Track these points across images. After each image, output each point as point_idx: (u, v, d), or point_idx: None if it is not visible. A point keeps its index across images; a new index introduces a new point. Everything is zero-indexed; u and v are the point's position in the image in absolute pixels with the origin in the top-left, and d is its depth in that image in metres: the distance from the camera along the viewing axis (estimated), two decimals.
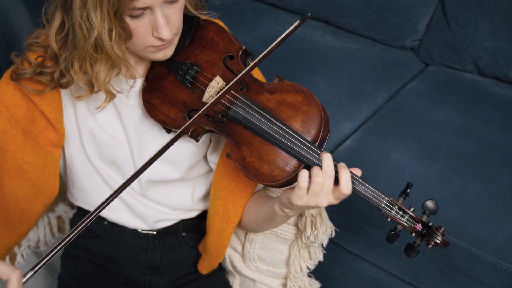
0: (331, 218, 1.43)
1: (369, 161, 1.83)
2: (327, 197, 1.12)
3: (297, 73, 2.15)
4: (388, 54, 2.35)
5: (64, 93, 1.31)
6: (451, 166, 1.79)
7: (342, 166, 1.11)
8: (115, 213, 1.44)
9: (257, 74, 1.31)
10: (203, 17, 1.28)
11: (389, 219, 1.14)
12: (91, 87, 1.19)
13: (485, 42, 2.15)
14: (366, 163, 1.81)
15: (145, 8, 1.10)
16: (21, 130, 1.29)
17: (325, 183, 1.11)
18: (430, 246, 1.12)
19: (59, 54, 1.18)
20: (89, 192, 1.43)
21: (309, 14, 1.21)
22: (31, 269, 1.09)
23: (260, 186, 1.39)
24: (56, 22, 1.15)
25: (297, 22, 1.18)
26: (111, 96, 1.20)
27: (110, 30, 1.09)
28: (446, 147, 1.86)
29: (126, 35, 1.12)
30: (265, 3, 2.65)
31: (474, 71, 2.23)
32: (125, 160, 1.36)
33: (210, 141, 1.37)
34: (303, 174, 1.11)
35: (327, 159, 1.10)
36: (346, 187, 1.11)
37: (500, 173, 1.76)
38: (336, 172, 1.11)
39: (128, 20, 1.11)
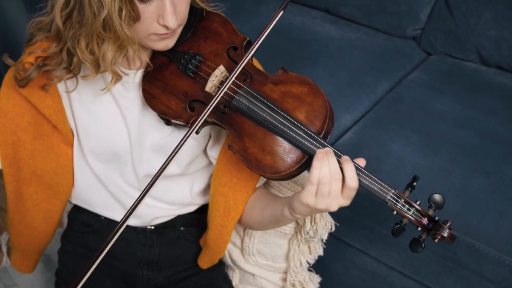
0: (331, 212, 1.41)
1: (370, 153, 1.81)
2: (337, 199, 1.10)
3: (297, 63, 2.13)
4: (389, 44, 2.33)
5: (63, 94, 1.30)
6: (453, 158, 1.77)
7: (345, 160, 1.09)
8: (111, 212, 1.44)
9: (258, 67, 1.29)
10: (208, 9, 1.27)
11: (395, 212, 1.11)
12: (97, 67, 1.18)
13: (488, 31, 2.13)
14: (367, 155, 1.75)
15: None
16: (30, 137, 1.32)
17: (332, 185, 1.08)
18: (436, 240, 1.10)
19: (63, 30, 1.16)
20: (85, 191, 1.43)
21: None
22: None
23: (262, 181, 1.37)
24: None
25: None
26: (117, 77, 1.19)
27: (120, 10, 1.08)
28: (448, 138, 1.84)
29: (135, 16, 1.11)
30: None
31: (477, 60, 2.20)
32: (124, 152, 1.35)
33: (210, 135, 1.35)
34: (315, 170, 1.08)
35: (332, 163, 1.08)
36: (352, 180, 1.08)
37: (503, 164, 1.75)
38: (340, 167, 1.09)
39: (137, 3, 1.10)
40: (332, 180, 1.08)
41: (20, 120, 1.30)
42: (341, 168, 1.09)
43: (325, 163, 1.08)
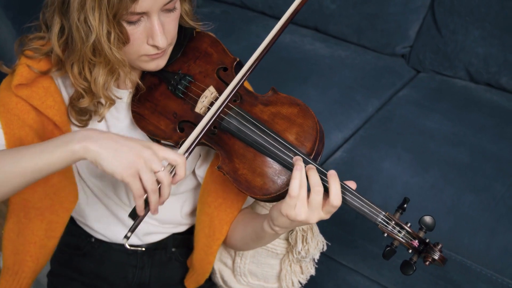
0: (323, 231, 1.41)
1: (361, 172, 1.80)
2: (317, 212, 1.09)
3: (287, 82, 2.13)
4: (379, 61, 2.33)
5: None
6: (444, 176, 1.77)
7: (331, 175, 1.08)
8: (103, 225, 1.42)
9: (248, 88, 1.29)
10: (197, 29, 1.27)
11: (386, 235, 1.11)
12: (91, 93, 1.18)
13: (476, 48, 2.14)
14: (357, 174, 1.79)
15: (142, 14, 1.09)
16: (36, 134, 1.26)
17: (313, 198, 1.07)
18: (427, 263, 1.10)
19: (64, 58, 1.17)
20: (79, 203, 1.41)
21: None
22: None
23: (248, 203, 1.36)
24: (56, 27, 1.14)
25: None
26: (110, 101, 1.19)
27: (109, 33, 1.08)
28: (439, 156, 1.84)
29: (124, 38, 1.11)
30: (254, 11, 2.63)
31: (466, 77, 2.22)
32: None
33: (200, 155, 1.34)
34: (295, 180, 1.07)
35: (312, 175, 1.07)
36: (335, 198, 1.07)
37: (494, 182, 1.75)
38: (326, 182, 1.08)
39: (125, 25, 1.10)
40: (312, 193, 1.07)
41: (26, 116, 1.23)
42: (327, 182, 1.08)
43: (312, 172, 1.08)
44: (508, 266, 1.56)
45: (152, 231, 1.44)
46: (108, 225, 1.42)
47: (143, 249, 1.46)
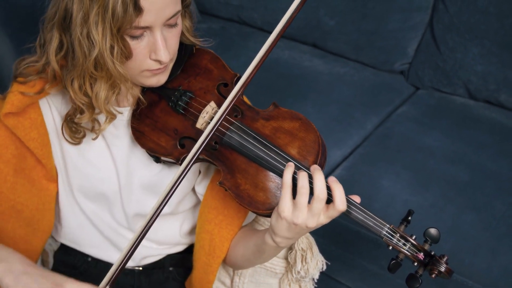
0: (322, 250, 1.40)
1: (361, 190, 1.78)
2: (317, 217, 1.07)
3: (286, 98, 2.13)
4: (378, 78, 2.33)
5: (50, 127, 1.28)
6: (444, 194, 1.76)
7: (332, 181, 1.07)
8: (98, 251, 1.41)
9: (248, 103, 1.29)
10: (197, 45, 1.27)
11: (391, 248, 1.10)
12: (91, 108, 1.17)
13: (475, 66, 2.14)
14: (357, 192, 1.75)
15: (145, 28, 1.09)
16: (12, 170, 1.27)
17: (315, 206, 1.05)
18: (433, 275, 1.08)
19: (61, 74, 1.16)
20: (73, 230, 1.40)
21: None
22: None
23: (249, 219, 1.35)
24: (55, 42, 1.13)
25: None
26: (111, 116, 1.18)
27: (112, 48, 1.07)
28: (439, 174, 1.83)
29: (127, 53, 1.10)
30: (252, 27, 2.63)
31: (465, 94, 2.22)
32: (113, 192, 1.32)
33: (199, 171, 1.33)
34: (287, 175, 1.06)
35: (318, 179, 1.05)
36: (341, 203, 1.06)
37: (494, 200, 1.74)
38: (328, 188, 1.07)
39: (128, 40, 1.09)
40: (316, 201, 1.05)
41: (4, 151, 1.25)
42: (329, 188, 1.06)
43: (303, 174, 1.06)
44: (509, 286, 1.55)
45: (150, 254, 1.42)
46: (103, 251, 1.41)
47: (140, 268, 1.44)
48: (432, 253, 1.09)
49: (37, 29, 1.18)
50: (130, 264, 1.43)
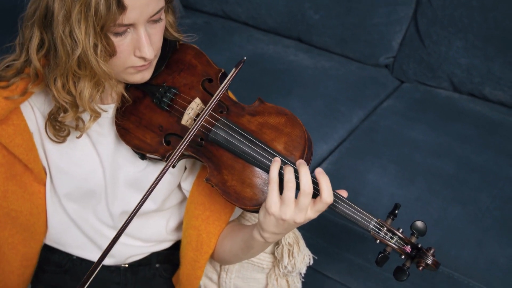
0: (309, 244, 1.40)
1: (347, 184, 1.80)
2: (304, 212, 1.07)
3: (271, 93, 2.12)
4: (363, 72, 2.34)
5: (34, 130, 1.27)
6: (430, 187, 1.77)
7: (319, 172, 1.07)
8: (84, 252, 1.40)
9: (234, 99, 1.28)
10: (181, 41, 1.26)
11: (378, 241, 1.11)
12: (75, 107, 1.15)
13: (459, 59, 2.15)
14: (343, 187, 1.74)
15: (129, 25, 1.08)
16: (2, 178, 1.26)
17: (301, 201, 1.05)
18: (420, 268, 1.10)
19: (43, 73, 1.14)
20: (57, 231, 1.39)
21: (245, 58, 1.19)
22: None
23: (236, 215, 1.34)
24: (35, 40, 1.11)
25: (234, 70, 1.16)
26: (96, 114, 1.17)
27: (95, 46, 1.06)
28: (424, 167, 1.84)
29: (111, 51, 1.09)
30: (237, 22, 2.62)
31: (449, 88, 2.23)
32: (98, 190, 1.32)
33: (185, 168, 1.32)
34: (273, 170, 1.06)
35: (304, 173, 1.05)
36: (328, 195, 1.06)
37: (480, 192, 1.75)
38: (314, 182, 1.07)
39: (112, 37, 1.08)
40: (303, 195, 1.05)
41: None
42: (315, 183, 1.07)
43: (289, 169, 1.06)
44: (495, 278, 1.56)
45: (135, 253, 1.42)
46: (88, 252, 1.41)
47: (126, 265, 1.43)
48: (419, 245, 1.10)
49: (16, 29, 1.16)
50: (116, 263, 1.42)
